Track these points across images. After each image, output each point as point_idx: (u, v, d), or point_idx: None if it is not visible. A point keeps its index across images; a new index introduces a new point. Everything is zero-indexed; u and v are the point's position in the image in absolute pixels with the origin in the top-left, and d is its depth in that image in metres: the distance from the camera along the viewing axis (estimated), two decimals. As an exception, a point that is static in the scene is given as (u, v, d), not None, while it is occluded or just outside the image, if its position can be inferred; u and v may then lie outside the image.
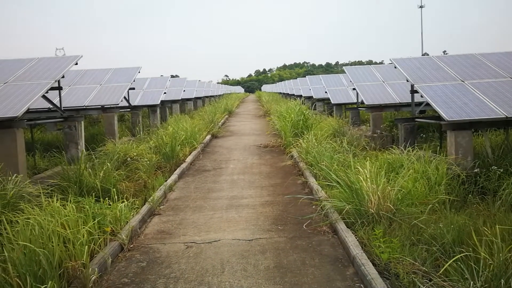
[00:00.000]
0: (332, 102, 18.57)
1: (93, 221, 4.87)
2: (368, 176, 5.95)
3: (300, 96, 28.29)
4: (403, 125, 10.15)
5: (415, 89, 9.39)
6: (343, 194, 5.98)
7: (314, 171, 8.47)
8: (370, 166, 6.26)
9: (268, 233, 5.65)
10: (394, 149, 8.83)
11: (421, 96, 8.95)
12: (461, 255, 3.84)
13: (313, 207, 6.61)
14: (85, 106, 12.64)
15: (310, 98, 25.43)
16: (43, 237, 4.07)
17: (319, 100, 23.23)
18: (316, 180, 7.86)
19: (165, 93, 18.77)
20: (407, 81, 9.82)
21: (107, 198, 5.90)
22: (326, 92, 19.60)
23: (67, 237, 4.26)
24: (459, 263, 3.82)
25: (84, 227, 4.50)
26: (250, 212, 6.58)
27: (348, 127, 14.71)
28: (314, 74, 34.14)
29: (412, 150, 8.12)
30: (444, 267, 3.77)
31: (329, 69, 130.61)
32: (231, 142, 14.80)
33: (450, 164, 7.25)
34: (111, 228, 5.22)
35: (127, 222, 5.74)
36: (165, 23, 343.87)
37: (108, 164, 7.55)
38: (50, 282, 3.64)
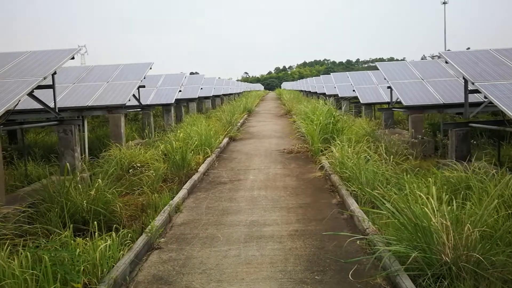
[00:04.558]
0: (361, 102, 16.93)
1: (54, 280, 3.43)
2: (436, 207, 4.41)
3: (324, 94, 26.60)
4: (454, 131, 8.50)
5: (474, 88, 7.74)
6: (403, 232, 4.43)
7: (352, 188, 6.94)
8: (437, 191, 4.70)
9: (302, 287, 4.14)
10: (453, 163, 7.27)
11: (485, 97, 7.31)
12: None
13: (358, 242, 5.08)
14: (89, 106, 11.30)
15: (333, 96, 23.75)
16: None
17: (344, 98, 21.54)
18: (357, 203, 6.32)
19: (180, 91, 17.44)
20: (463, 78, 8.17)
21: (81, 235, 4.45)
22: (354, 90, 17.96)
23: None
24: None
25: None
26: (275, 249, 5.07)
27: (382, 130, 13.10)
28: (334, 71, 32.57)
29: (469, 162, 6.57)
30: None
31: (349, 66, 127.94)
32: (251, 146, 13.30)
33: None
34: (85, 282, 3.78)
35: (113, 266, 4.31)
36: (188, 22, 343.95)
37: (100, 181, 6.13)
38: None
